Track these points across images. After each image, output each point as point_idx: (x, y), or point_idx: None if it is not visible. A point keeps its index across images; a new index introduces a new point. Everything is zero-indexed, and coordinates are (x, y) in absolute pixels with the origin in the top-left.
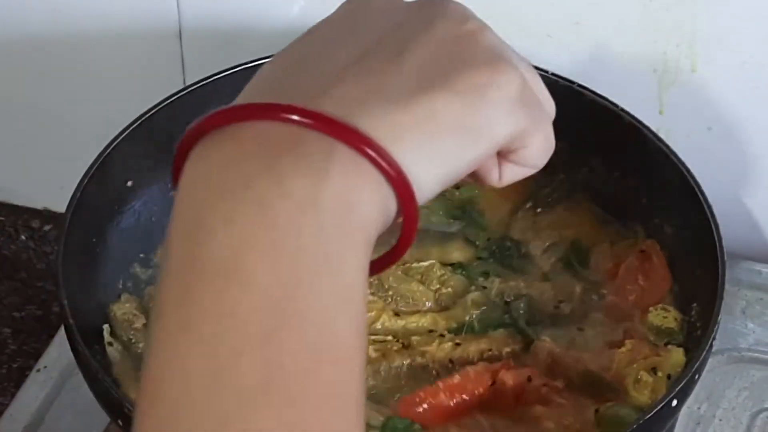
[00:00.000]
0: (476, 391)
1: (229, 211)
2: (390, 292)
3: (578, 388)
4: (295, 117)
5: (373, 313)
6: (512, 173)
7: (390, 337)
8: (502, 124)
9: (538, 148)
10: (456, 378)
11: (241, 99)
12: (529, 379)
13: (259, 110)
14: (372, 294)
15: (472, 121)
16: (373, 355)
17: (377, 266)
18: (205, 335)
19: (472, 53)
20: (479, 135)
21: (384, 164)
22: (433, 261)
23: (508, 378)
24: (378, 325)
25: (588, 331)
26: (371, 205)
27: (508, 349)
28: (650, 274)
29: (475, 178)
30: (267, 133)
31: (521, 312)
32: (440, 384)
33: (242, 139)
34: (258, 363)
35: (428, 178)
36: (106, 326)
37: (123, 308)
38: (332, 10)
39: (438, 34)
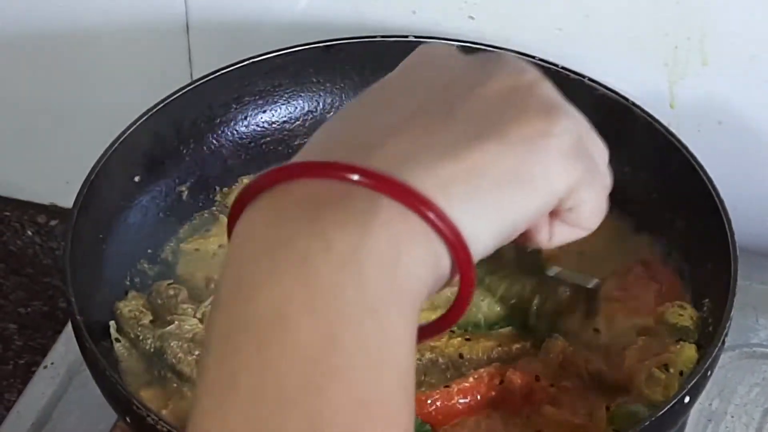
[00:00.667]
0: (486, 392)
1: (272, 267)
2: None
3: (589, 387)
4: (340, 172)
5: None
6: (563, 234)
7: None
8: (557, 175)
9: (592, 208)
10: (470, 380)
11: (298, 157)
12: (537, 378)
13: (303, 169)
14: None
15: (526, 171)
16: None
17: (434, 328)
18: (247, 389)
19: (526, 103)
20: (534, 186)
21: (432, 217)
22: None
23: (516, 377)
24: None
25: (603, 332)
26: (419, 260)
27: (518, 346)
28: (659, 278)
29: (524, 237)
30: (312, 190)
31: (534, 309)
32: (454, 386)
33: (288, 197)
34: (300, 416)
35: (481, 232)
36: (112, 323)
37: (129, 305)
38: (340, 4)
39: (494, 87)
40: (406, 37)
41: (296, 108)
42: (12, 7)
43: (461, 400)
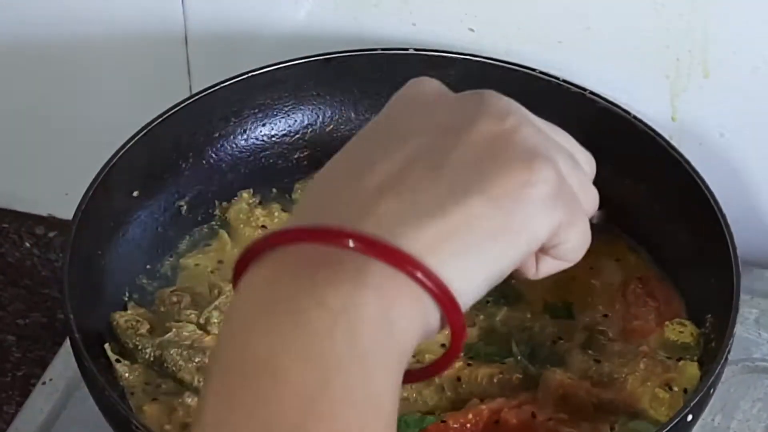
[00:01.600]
0: (483, 429)
1: (269, 318)
2: None
3: (592, 415)
4: (334, 238)
5: None
6: (549, 266)
7: None
8: (539, 223)
9: (575, 243)
10: (469, 416)
11: (293, 216)
12: (534, 415)
13: (301, 234)
14: None
15: (510, 224)
16: None
17: (423, 374)
18: (240, 427)
19: (507, 154)
20: (518, 237)
21: (422, 278)
22: None
23: (511, 416)
24: None
25: (605, 363)
26: (408, 317)
27: (519, 375)
28: (656, 295)
29: (511, 271)
30: (309, 254)
31: (524, 346)
32: (450, 421)
33: (286, 260)
34: None
35: (470, 285)
36: (106, 345)
37: (126, 315)
38: (340, 16)
39: (477, 136)
40: (407, 49)
41: (296, 121)
42: (10, 19)
43: (442, 422)
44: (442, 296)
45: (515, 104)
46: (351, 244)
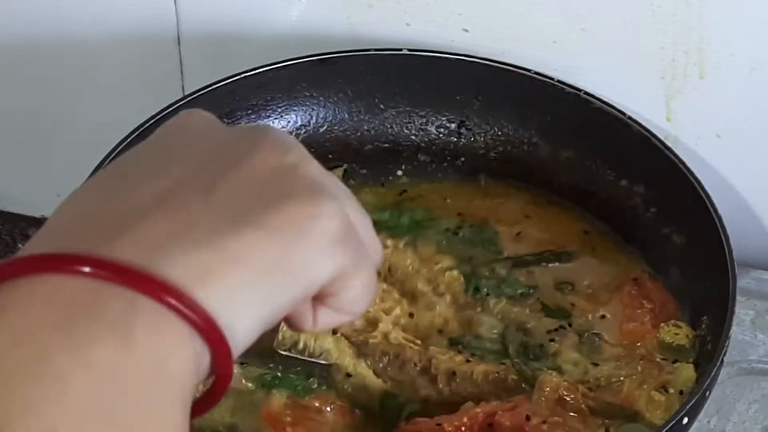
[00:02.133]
0: (463, 422)
1: (27, 394)
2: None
3: (587, 418)
4: (87, 269)
5: (390, 303)
6: (328, 318)
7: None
8: (321, 262)
9: (357, 295)
10: (464, 419)
11: (34, 243)
12: (528, 418)
13: (48, 262)
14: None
15: (288, 260)
16: (394, 342)
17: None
18: None
19: (290, 187)
20: (295, 276)
21: (190, 314)
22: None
23: (505, 419)
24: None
25: (603, 366)
26: (183, 361)
27: (514, 377)
28: (652, 297)
29: (287, 322)
30: (60, 291)
31: (517, 345)
32: (445, 424)
33: (34, 300)
34: None
35: (242, 324)
36: None
37: None
38: (334, 17)
39: (255, 166)
40: (400, 49)
41: (289, 122)
42: (4, 19)
43: (437, 424)
44: (212, 335)
45: (296, 141)
46: (106, 274)
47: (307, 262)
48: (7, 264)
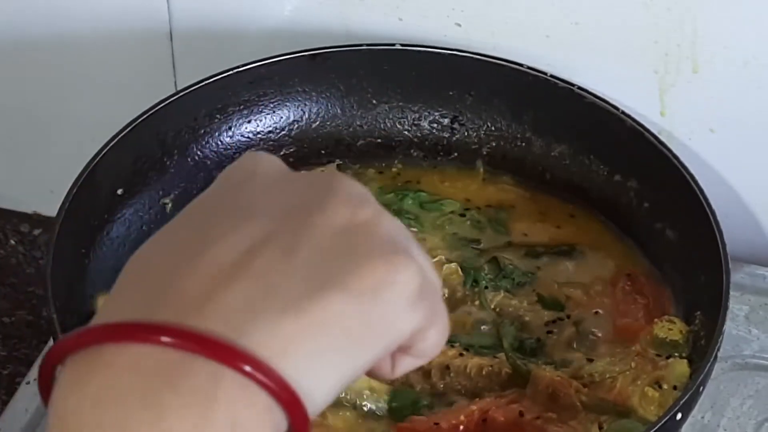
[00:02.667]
0: (474, 428)
1: None
2: None
3: (581, 414)
4: (172, 340)
5: None
6: (406, 365)
7: None
8: (399, 323)
9: (435, 341)
10: (461, 417)
11: (114, 300)
12: (521, 414)
13: (133, 331)
14: None
15: (368, 323)
16: None
17: None
18: None
19: (367, 247)
20: (378, 338)
21: (274, 387)
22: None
23: (499, 415)
24: None
25: (597, 362)
26: (259, 429)
27: (508, 371)
28: (645, 292)
29: (366, 372)
30: (143, 361)
31: (512, 338)
32: (442, 423)
33: (117, 368)
34: None
35: (322, 389)
36: None
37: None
38: (326, 12)
39: (330, 222)
40: (393, 45)
41: (281, 118)
42: None
43: (435, 423)
44: (293, 406)
45: (366, 190)
46: (192, 346)
47: (387, 324)
48: (90, 330)
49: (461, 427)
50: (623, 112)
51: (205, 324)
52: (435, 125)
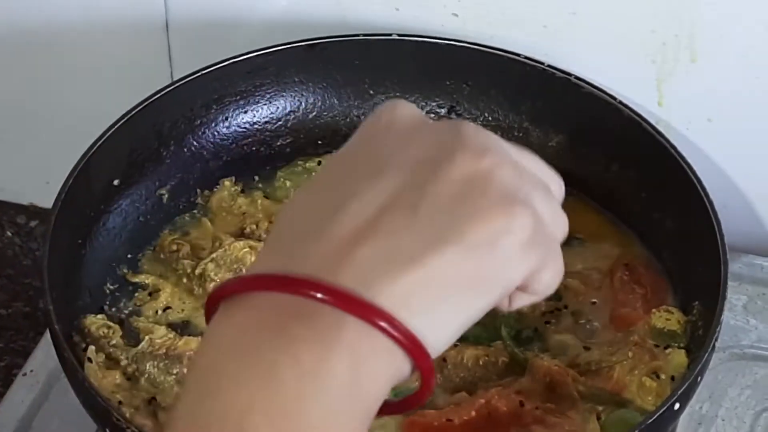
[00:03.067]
0: (476, 417)
1: (239, 371)
2: None
3: (579, 404)
4: (310, 292)
5: None
6: (521, 300)
7: None
8: (514, 269)
9: (548, 279)
10: (471, 413)
11: (263, 255)
12: (522, 404)
13: (275, 282)
14: None
15: (485, 273)
16: None
17: (391, 409)
18: None
19: (484, 198)
20: (493, 285)
21: (397, 334)
22: None
23: (501, 404)
24: None
25: (594, 350)
26: (380, 372)
27: (505, 359)
28: (643, 282)
29: None
30: (282, 304)
31: (510, 328)
32: (455, 419)
33: (259, 307)
34: None
35: (442, 334)
36: (91, 348)
37: (96, 322)
38: (323, 2)
39: (453, 175)
40: (390, 34)
41: (278, 108)
42: None
43: (450, 424)
44: (415, 350)
45: (492, 138)
46: (325, 297)
47: (501, 272)
48: (239, 280)
49: (471, 422)
50: (621, 102)
51: (340, 280)
52: (432, 115)
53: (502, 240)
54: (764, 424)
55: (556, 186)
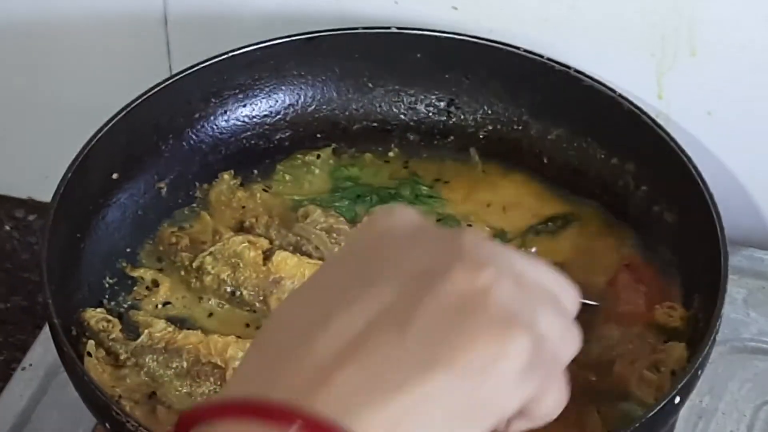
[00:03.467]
0: None
1: None
2: None
3: (578, 397)
4: (283, 419)
5: None
6: (519, 426)
7: None
8: (509, 397)
9: (549, 405)
10: None
11: (236, 376)
12: None
13: (245, 409)
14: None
15: (477, 401)
16: None
17: None
18: None
19: (479, 318)
20: (485, 414)
21: None
22: None
23: None
24: None
25: (593, 344)
26: None
27: None
28: (645, 279)
29: None
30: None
31: None
32: None
33: None
34: None
35: None
36: (91, 342)
37: (95, 315)
38: None
39: (448, 292)
40: (389, 28)
41: (277, 102)
42: None
43: None
44: None
45: (495, 249)
46: (300, 428)
47: (495, 400)
48: (208, 407)
49: None
50: (620, 95)
51: (318, 407)
52: (431, 109)
53: (497, 365)
54: (765, 418)
55: (568, 298)
